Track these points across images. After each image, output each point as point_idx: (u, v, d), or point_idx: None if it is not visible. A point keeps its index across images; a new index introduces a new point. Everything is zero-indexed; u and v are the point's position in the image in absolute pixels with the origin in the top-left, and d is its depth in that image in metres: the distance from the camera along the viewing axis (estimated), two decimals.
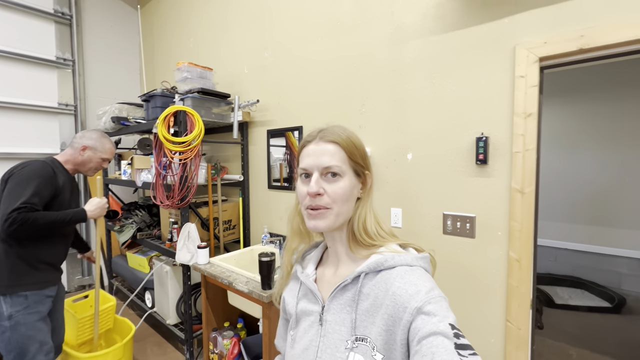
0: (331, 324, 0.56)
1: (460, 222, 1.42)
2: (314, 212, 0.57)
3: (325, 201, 0.56)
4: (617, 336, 2.51)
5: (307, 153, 0.59)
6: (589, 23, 1.10)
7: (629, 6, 1.03)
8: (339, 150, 0.57)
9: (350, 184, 0.58)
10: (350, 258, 0.61)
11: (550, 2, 1.17)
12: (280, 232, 2.20)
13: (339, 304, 0.57)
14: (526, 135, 1.24)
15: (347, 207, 0.58)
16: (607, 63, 1.17)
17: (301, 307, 0.63)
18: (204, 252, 1.88)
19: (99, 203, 1.62)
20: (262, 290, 1.51)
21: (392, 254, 0.56)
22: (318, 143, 0.58)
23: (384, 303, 0.52)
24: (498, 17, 1.28)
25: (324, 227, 0.57)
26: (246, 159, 2.38)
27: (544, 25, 1.18)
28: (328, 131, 0.59)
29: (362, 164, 0.60)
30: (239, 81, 2.39)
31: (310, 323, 0.60)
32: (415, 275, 0.52)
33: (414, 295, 0.49)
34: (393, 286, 0.52)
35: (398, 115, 1.59)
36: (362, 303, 0.54)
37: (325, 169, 0.56)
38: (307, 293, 0.63)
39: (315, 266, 0.67)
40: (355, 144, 0.59)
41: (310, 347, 0.58)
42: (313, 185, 0.56)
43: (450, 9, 1.40)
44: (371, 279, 0.55)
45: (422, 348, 0.43)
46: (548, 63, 1.21)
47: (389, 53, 1.60)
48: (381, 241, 0.59)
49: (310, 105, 1.97)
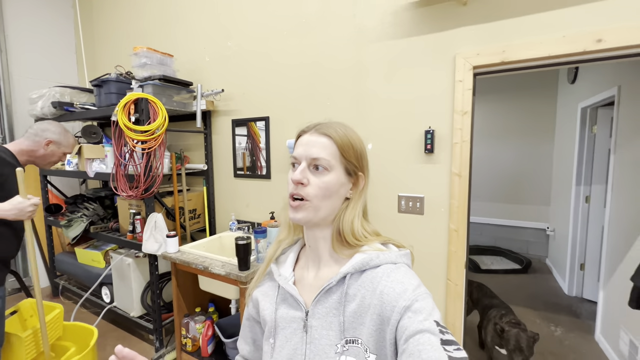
0: (317, 330, 0.54)
1: (412, 202, 1.69)
2: (294, 203, 0.56)
3: (305, 192, 0.55)
4: (526, 290, 3.14)
5: (300, 142, 0.59)
6: (509, 41, 1.39)
7: (538, 29, 1.34)
8: (331, 144, 0.56)
9: (337, 180, 0.56)
10: (332, 258, 0.59)
11: (482, 21, 1.44)
12: (247, 218, 2.28)
13: (325, 307, 0.55)
14: (463, 129, 1.52)
15: (330, 203, 0.57)
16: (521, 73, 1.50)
17: (281, 313, 0.59)
18: (173, 241, 1.90)
19: (19, 204, 1.34)
20: (239, 271, 1.61)
21: (376, 252, 0.55)
22: (312, 134, 0.58)
23: (372, 303, 0.51)
24: (443, 29, 1.53)
25: (302, 219, 0.57)
26: (210, 147, 2.38)
27: (478, 40, 1.46)
28: (325, 125, 0.59)
29: (355, 164, 0.58)
30: (200, 69, 2.35)
31: (292, 330, 0.57)
32: (400, 273, 0.52)
33: (402, 293, 0.49)
34: (380, 285, 0.51)
35: (360, 110, 1.78)
36: (349, 305, 0.53)
37: (312, 160, 0.56)
38: (287, 298, 0.60)
39: (292, 267, 0.64)
40: (352, 143, 0.58)
41: (295, 355, 0.55)
42: (297, 173, 0.56)
43: (404, 18, 1.62)
44: (356, 279, 0.54)
45: (410, 346, 0.43)
46: (479, 70, 1.50)
47: (352, 54, 1.77)
48: (365, 241, 0.58)
49: (278, 97, 2.06)
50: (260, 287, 0.66)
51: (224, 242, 2.19)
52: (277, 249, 0.67)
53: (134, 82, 2.06)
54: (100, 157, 2.25)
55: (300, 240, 0.67)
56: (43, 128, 1.53)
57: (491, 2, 1.41)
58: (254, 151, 2.26)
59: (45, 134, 1.52)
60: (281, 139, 2.07)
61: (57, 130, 1.56)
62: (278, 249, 0.67)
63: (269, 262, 0.65)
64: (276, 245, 0.67)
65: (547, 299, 2.95)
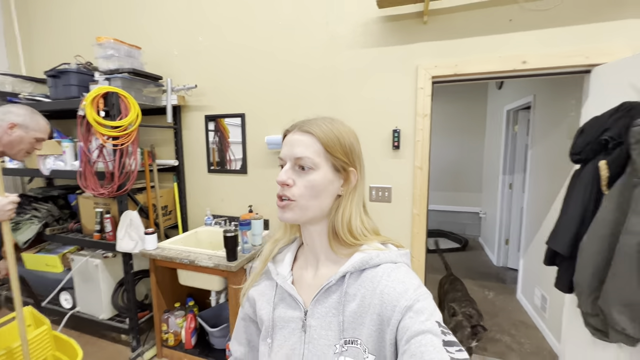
0: (316, 329, 0.54)
1: (381, 192, 1.94)
2: (281, 203, 0.55)
3: (291, 192, 0.54)
4: (465, 264, 3.70)
5: (285, 142, 0.57)
6: (460, 57, 1.69)
7: (481, 49, 1.66)
8: (315, 142, 0.54)
9: (323, 179, 0.54)
10: (330, 257, 0.58)
11: (439, 38, 1.72)
12: (223, 213, 2.33)
13: (324, 307, 0.54)
14: (424, 129, 1.80)
15: (318, 202, 0.55)
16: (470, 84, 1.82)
17: (279, 313, 0.58)
18: (152, 238, 1.89)
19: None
20: (228, 262, 1.70)
21: (376, 251, 0.55)
22: (295, 133, 0.56)
23: (372, 303, 0.50)
24: (407, 42, 1.77)
25: (290, 219, 0.56)
26: (180, 143, 2.36)
27: (436, 54, 1.73)
28: (309, 122, 0.56)
29: (344, 160, 0.56)
30: (168, 63, 2.30)
31: (290, 330, 0.56)
32: (401, 273, 0.52)
33: (403, 293, 0.48)
34: (380, 285, 0.51)
35: (334, 109, 1.96)
36: (349, 304, 0.52)
37: (297, 160, 0.54)
38: (285, 297, 0.59)
39: (290, 266, 0.63)
40: (338, 138, 0.55)
41: (293, 355, 0.54)
42: (282, 174, 0.55)
43: (374, 29, 1.83)
44: (356, 279, 0.54)
45: (411, 347, 0.42)
46: (437, 80, 1.78)
47: (327, 58, 1.93)
48: (364, 240, 0.57)
49: (254, 95, 2.13)
50: (256, 287, 0.65)
51: (201, 237, 2.22)
52: (274, 248, 0.65)
53: (97, 75, 1.95)
54: (57, 154, 2.08)
55: (298, 239, 0.66)
56: (4, 111, 1.38)
57: (446, 24, 1.69)
58: (223, 146, 2.30)
59: (8, 117, 1.36)
60: (258, 135, 2.16)
61: (21, 112, 1.40)
62: (275, 248, 0.65)
63: (266, 262, 0.64)
64: (272, 244, 0.66)
65: (481, 270, 3.52)
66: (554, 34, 1.54)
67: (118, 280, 2.18)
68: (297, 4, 1.96)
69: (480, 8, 1.63)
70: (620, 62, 1.39)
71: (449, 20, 1.68)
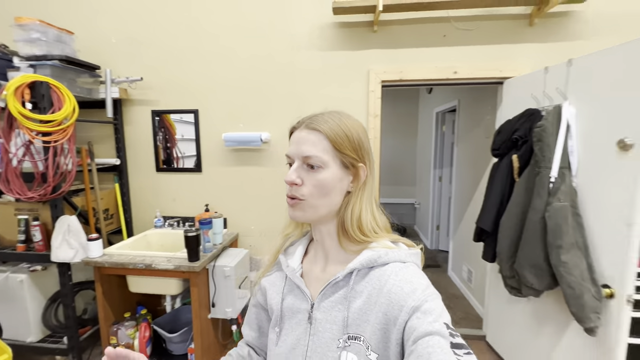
0: (321, 323, 0.54)
1: None
2: (291, 201, 0.55)
3: (301, 192, 0.54)
4: None
5: (292, 140, 0.57)
6: (405, 65, 1.92)
7: (422, 59, 1.91)
8: (323, 139, 0.53)
9: (333, 176, 0.54)
10: (339, 253, 0.58)
11: (387, 47, 1.92)
12: (175, 214, 2.22)
13: (330, 301, 0.55)
14: (375, 128, 2.00)
15: (328, 200, 0.55)
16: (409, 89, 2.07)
17: (287, 303, 0.60)
18: (97, 244, 1.72)
19: None
20: (191, 262, 1.65)
21: (385, 249, 0.54)
22: (302, 130, 0.56)
23: (378, 301, 0.50)
24: (360, 48, 1.94)
25: (301, 218, 0.56)
26: (122, 140, 2.16)
27: (385, 60, 1.93)
28: (316, 118, 0.56)
29: (352, 156, 0.55)
30: (106, 52, 2.08)
31: (297, 321, 0.58)
32: (409, 272, 0.51)
33: (410, 293, 0.48)
34: (388, 284, 0.50)
35: (293, 108, 2.04)
36: (355, 301, 0.52)
37: (305, 159, 0.54)
38: (294, 289, 0.60)
39: (300, 260, 0.64)
40: (346, 134, 0.54)
41: (299, 346, 0.55)
42: (290, 174, 0.54)
43: (329, 34, 1.95)
44: (363, 276, 0.54)
45: (418, 348, 0.42)
46: (385, 84, 1.99)
47: (286, 57, 1.99)
48: (374, 237, 0.56)
49: (209, 91, 2.08)
50: (268, 277, 0.66)
51: (151, 240, 2.08)
52: (285, 242, 0.67)
53: (17, 60, 1.69)
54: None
55: (310, 233, 0.67)
56: None
57: (392, 34, 1.90)
58: (169, 143, 2.19)
59: None
60: (214, 132, 2.11)
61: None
62: (286, 242, 0.67)
63: (276, 254, 0.66)
64: (283, 238, 0.67)
65: None
66: (477, 51, 1.86)
67: (50, 296, 1.92)
68: (256, 3, 1.97)
69: (421, 23, 1.87)
70: (523, 77, 1.75)
71: (396, 32, 1.90)
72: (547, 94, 1.51)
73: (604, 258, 1.23)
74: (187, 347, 1.88)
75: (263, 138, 2.01)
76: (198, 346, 1.74)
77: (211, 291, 1.82)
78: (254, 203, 2.16)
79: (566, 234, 1.27)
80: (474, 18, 1.83)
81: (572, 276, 1.24)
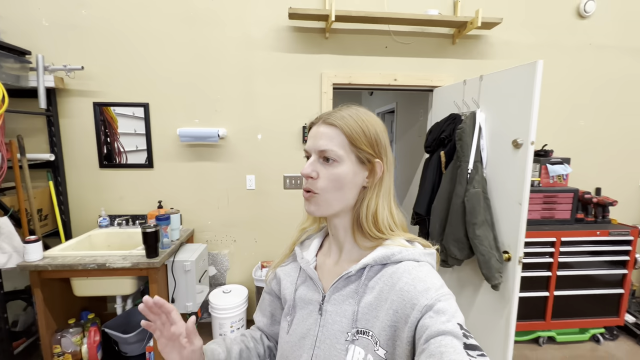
0: (332, 315, 0.55)
1: (294, 180, 2.22)
2: (306, 194, 0.56)
3: (316, 185, 0.55)
4: None
5: (310, 135, 0.58)
6: (353, 70, 2.14)
7: (367, 66, 2.15)
8: (339, 134, 0.54)
9: (348, 171, 0.54)
10: (353, 249, 0.59)
11: (338, 53, 2.11)
12: (123, 212, 2.12)
13: (342, 295, 0.55)
14: None
15: (342, 195, 0.55)
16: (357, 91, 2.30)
17: (300, 294, 0.61)
18: (36, 247, 1.58)
19: None
20: (149, 259, 1.63)
21: (399, 247, 0.54)
22: (320, 125, 0.56)
23: (389, 298, 0.50)
24: (313, 52, 2.10)
25: (315, 212, 0.57)
26: (57, 134, 1.98)
27: (336, 65, 2.13)
28: (334, 114, 0.56)
29: (369, 151, 0.55)
30: (37, 35, 1.87)
31: (309, 312, 0.59)
32: (423, 272, 0.51)
33: (423, 292, 0.47)
34: (400, 282, 0.50)
35: (250, 105, 2.11)
36: (366, 296, 0.53)
37: (321, 152, 0.55)
38: (307, 280, 0.62)
39: (315, 253, 0.65)
40: (363, 130, 0.55)
41: (308, 336, 0.56)
42: (306, 167, 0.55)
43: (285, 36, 2.07)
44: (376, 273, 0.54)
45: (430, 347, 0.42)
46: (336, 86, 2.19)
47: (242, 56, 2.05)
48: (389, 234, 0.56)
49: (162, 85, 2.02)
50: (283, 267, 0.68)
51: (96, 241, 1.97)
52: (301, 235, 0.69)
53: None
54: None
55: (326, 227, 0.68)
56: None
57: (342, 42, 2.11)
58: (110, 138, 2.09)
59: None
60: (167, 126, 2.07)
61: None
62: (302, 235, 0.69)
63: (292, 246, 0.68)
64: (300, 232, 0.69)
65: None
66: (413, 62, 2.17)
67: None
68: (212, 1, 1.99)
69: (367, 34, 2.11)
70: (448, 87, 2.11)
71: (346, 40, 2.10)
72: (465, 102, 1.87)
73: (504, 230, 1.61)
74: (144, 346, 1.84)
75: (220, 134, 2.04)
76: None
77: (170, 287, 1.82)
78: (210, 198, 2.18)
79: (479, 214, 1.62)
80: (410, 34, 2.14)
81: (483, 246, 1.59)
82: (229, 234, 2.23)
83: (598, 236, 2.04)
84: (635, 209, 2.48)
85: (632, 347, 2.10)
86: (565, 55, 2.26)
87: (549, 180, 2.12)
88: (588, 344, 2.13)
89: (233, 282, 2.28)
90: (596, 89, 2.32)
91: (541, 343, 2.12)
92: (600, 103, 2.33)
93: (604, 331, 2.16)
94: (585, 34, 2.25)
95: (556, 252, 2.02)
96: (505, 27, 2.16)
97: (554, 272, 2.03)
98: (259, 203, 2.19)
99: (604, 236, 2.04)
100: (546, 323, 2.08)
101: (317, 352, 0.54)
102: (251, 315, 2.30)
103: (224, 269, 2.28)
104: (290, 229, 2.22)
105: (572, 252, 2.04)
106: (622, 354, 2.03)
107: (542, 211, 2.09)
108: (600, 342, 2.13)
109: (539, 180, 2.11)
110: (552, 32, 2.23)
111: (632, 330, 2.18)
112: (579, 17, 2.24)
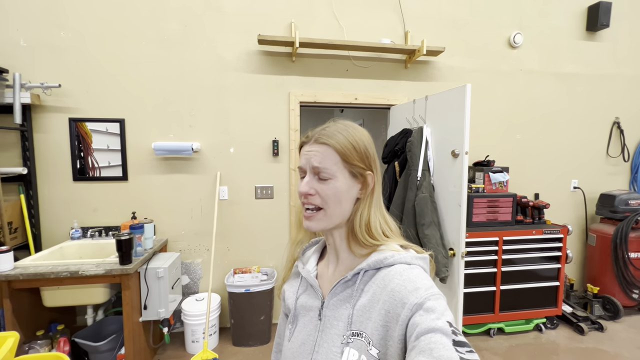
0: (329, 319, 0.57)
1: (265, 190, 2.38)
2: (307, 213, 0.58)
3: (317, 201, 0.57)
4: None
5: (302, 153, 0.60)
6: (318, 90, 2.37)
7: (330, 87, 2.38)
8: (332, 152, 0.57)
9: (344, 185, 0.57)
10: (350, 256, 0.61)
11: (304, 74, 2.34)
12: (97, 224, 2.17)
13: (338, 299, 0.58)
14: (295, 140, 2.38)
15: (341, 208, 0.58)
16: (324, 109, 2.53)
17: (301, 302, 0.64)
18: (8, 257, 1.62)
19: None
20: (123, 266, 1.70)
21: (392, 252, 0.56)
22: (312, 145, 0.59)
23: (381, 299, 0.52)
24: (282, 73, 2.31)
25: (317, 229, 0.58)
26: (31, 148, 2.04)
27: (302, 85, 2.35)
28: (325, 132, 0.59)
29: (360, 166, 0.58)
30: (14, 55, 1.96)
31: (309, 318, 0.61)
32: (414, 273, 0.53)
33: (413, 291, 0.49)
34: (392, 283, 0.52)
35: (223, 121, 2.27)
36: (361, 299, 0.55)
37: (314, 169, 0.57)
38: (308, 288, 0.64)
39: (316, 262, 0.68)
40: (353, 145, 0.58)
41: (308, 341, 0.59)
42: (303, 186, 0.57)
43: (255, 59, 2.28)
44: (370, 277, 0.56)
45: (420, 344, 0.43)
46: (303, 104, 2.40)
47: (214, 75, 2.23)
48: (383, 240, 0.59)
49: (137, 102, 2.15)
50: (288, 282, 0.71)
51: (67, 253, 2.01)
52: (297, 249, 0.71)
53: None
54: None
55: (323, 239, 0.71)
56: None
57: (308, 65, 2.34)
58: (84, 153, 2.17)
59: None
60: (142, 141, 2.17)
61: None
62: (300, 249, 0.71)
63: (293, 262, 0.71)
64: (294, 246, 0.71)
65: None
66: (371, 83, 2.44)
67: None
68: (185, 24, 2.17)
69: (329, 58, 2.36)
70: (401, 105, 2.39)
71: (310, 63, 2.34)
72: (415, 119, 2.13)
73: (449, 229, 1.84)
74: (115, 354, 1.87)
75: (194, 147, 2.18)
76: (130, 350, 1.78)
77: (143, 294, 1.88)
78: (184, 209, 2.28)
79: (427, 215, 1.84)
80: (368, 59, 2.41)
81: (431, 244, 1.81)
82: (202, 243, 2.33)
83: (534, 235, 2.33)
84: (567, 211, 2.83)
85: (570, 334, 2.36)
86: (501, 78, 2.62)
87: (492, 187, 2.41)
88: (532, 333, 2.38)
89: (206, 290, 2.35)
90: (528, 107, 2.69)
91: (492, 334, 2.34)
92: (530, 119, 2.70)
93: (545, 321, 2.42)
94: (517, 61, 2.64)
95: (499, 250, 2.28)
96: (450, 54, 2.49)
97: (499, 268, 2.28)
98: (231, 213, 2.31)
99: (539, 235, 2.33)
100: (495, 315, 2.31)
101: (316, 356, 0.56)
102: (224, 322, 2.37)
103: (197, 278, 2.35)
104: (262, 235, 2.36)
105: (514, 250, 2.31)
106: (561, 340, 2.29)
107: (487, 214, 2.36)
108: (543, 331, 2.38)
109: (483, 187, 2.39)
110: (490, 60, 2.59)
111: (569, 319, 2.45)
112: (511, 47, 2.62)
